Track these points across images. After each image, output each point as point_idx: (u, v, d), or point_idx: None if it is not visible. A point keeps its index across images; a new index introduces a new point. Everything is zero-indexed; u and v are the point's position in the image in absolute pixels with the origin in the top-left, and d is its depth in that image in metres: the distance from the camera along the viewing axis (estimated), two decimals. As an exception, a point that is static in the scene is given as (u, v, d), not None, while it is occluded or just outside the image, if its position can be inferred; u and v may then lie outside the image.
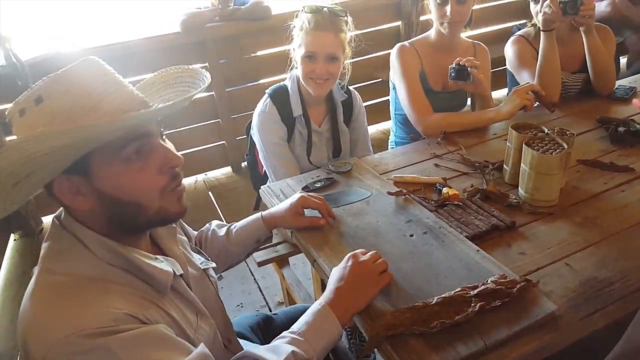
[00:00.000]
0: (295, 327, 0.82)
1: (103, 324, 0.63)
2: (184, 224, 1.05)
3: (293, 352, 0.76)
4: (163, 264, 0.77)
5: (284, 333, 0.81)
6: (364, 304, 0.88)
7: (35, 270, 0.71)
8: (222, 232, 1.13)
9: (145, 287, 0.73)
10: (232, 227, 1.13)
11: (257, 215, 1.14)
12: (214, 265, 0.97)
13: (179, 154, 0.74)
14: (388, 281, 0.92)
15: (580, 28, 1.68)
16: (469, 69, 1.56)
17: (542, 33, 1.67)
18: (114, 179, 0.69)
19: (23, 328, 0.66)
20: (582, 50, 1.77)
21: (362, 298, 0.88)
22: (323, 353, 0.81)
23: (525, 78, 1.77)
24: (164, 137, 0.76)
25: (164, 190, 0.72)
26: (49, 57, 2.20)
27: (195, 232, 1.12)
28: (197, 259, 0.94)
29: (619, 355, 0.89)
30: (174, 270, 0.78)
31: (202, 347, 0.71)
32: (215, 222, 1.16)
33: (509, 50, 1.84)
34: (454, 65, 1.58)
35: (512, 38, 1.86)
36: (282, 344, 0.78)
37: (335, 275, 0.90)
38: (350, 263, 0.91)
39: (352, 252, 0.94)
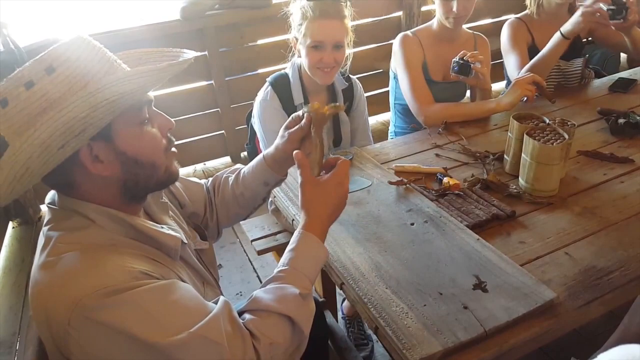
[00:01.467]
0: (285, 260, 0.80)
1: (123, 281, 0.65)
2: (189, 180, 1.04)
3: (300, 293, 0.75)
4: (170, 231, 0.79)
5: (277, 271, 0.79)
6: (339, 214, 0.87)
7: (40, 251, 0.71)
8: (232, 177, 1.08)
9: (156, 251, 0.75)
10: (242, 171, 1.08)
11: (260, 156, 1.07)
12: (206, 246, 0.97)
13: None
14: (346, 171, 0.88)
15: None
16: (472, 65, 1.55)
17: (560, 36, 1.63)
18: (134, 141, 0.72)
19: (42, 298, 0.66)
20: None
21: (335, 214, 0.86)
22: (316, 276, 0.81)
23: (512, 62, 1.77)
24: None
25: (166, 151, 0.78)
26: (47, 43, 2.17)
27: (204, 181, 1.10)
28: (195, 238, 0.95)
29: (615, 343, 0.91)
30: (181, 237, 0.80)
31: (222, 298, 0.72)
32: (231, 168, 1.12)
33: (504, 32, 1.84)
34: (457, 60, 1.57)
35: (510, 20, 1.85)
36: (284, 285, 0.76)
37: (306, 197, 0.84)
38: (329, 180, 0.85)
39: (338, 168, 0.87)
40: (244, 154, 3.04)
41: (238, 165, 1.12)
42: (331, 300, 1.51)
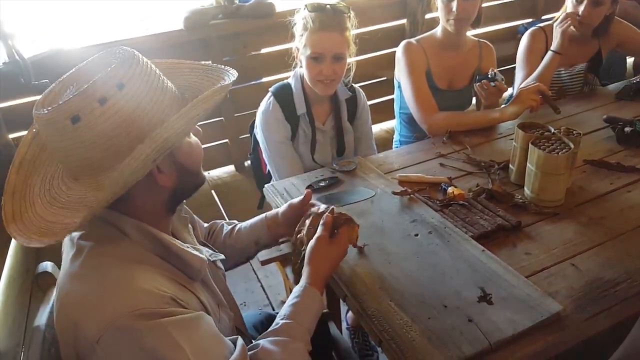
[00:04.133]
0: (287, 311, 0.83)
1: (158, 305, 0.65)
2: (194, 215, 1.06)
3: (305, 348, 0.78)
4: (195, 252, 0.81)
5: (281, 320, 0.81)
6: (337, 267, 0.94)
7: (71, 259, 0.71)
8: (227, 228, 1.12)
9: (178, 272, 0.76)
10: (239, 225, 1.13)
11: (262, 215, 1.13)
12: (222, 257, 0.97)
13: None
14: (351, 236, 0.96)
15: None
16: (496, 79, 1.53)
17: (551, 53, 1.71)
18: (188, 152, 0.78)
19: (73, 311, 0.66)
20: (587, 52, 1.82)
21: (334, 267, 0.92)
22: (313, 330, 0.84)
23: (520, 77, 1.79)
24: None
25: None
26: (51, 54, 2.20)
27: (205, 224, 1.13)
28: (205, 251, 0.94)
29: (622, 356, 0.89)
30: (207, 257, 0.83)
31: (241, 341, 0.73)
32: (228, 221, 1.16)
33: (523, 41, 1.85)
34: (489, 75, 1.54)
35: (532, 29, 1.86)
36: (293, 341, 0.78)
37: (318, 254, 0.90)
38: (333, 244, 0.92)
39: (341, 223, 0.94)
40: (248, 163, 3.05)
41: (235, 221, 1.17)
42: (335, 311, 1.50)
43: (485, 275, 0.95)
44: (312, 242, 0.90)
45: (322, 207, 1.00)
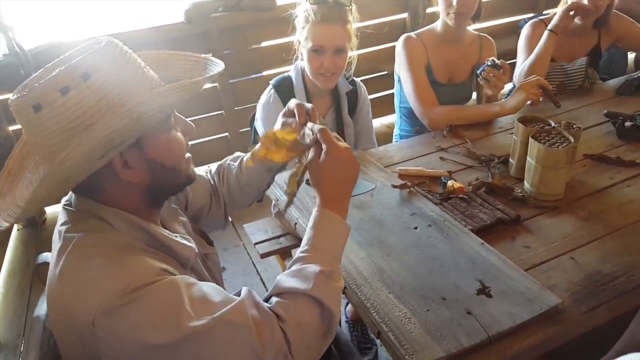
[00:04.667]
0: (304, 242, 0.79)
1: (146, 278, 0.65)
2: (187, 189, 1.03)
3: (321, 271, 0.73)
4: (184, 241, 0.80)
5: (298, 253, 0.78)
6: (352, 187, 0.85)
7: (58, 253, 0.71)
8: (235, 165, 1.08)
9: (169, 258, 0.76)
10: (245, 158, 1.08)
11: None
12: (215, 251, 0.97)
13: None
14: (330, 137, 0.84)
15: None
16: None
17: (548, 32, 1.71)
18: (163, 148, 0.74)
19: (64, 300, 0.66)
20: (587, 44, 1.82)
21: (350, 181, 0.84)
22: (341, 254, 0.80)
23: (519, 63, 1.79)
24: None
25: (186, 154, 0.80)
26: (52, 46, 2.20)
27: (212, 171, 1.11)
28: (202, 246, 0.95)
29: (621, 350, 0.89)
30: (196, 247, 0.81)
31: (246, 288, 0.71)
32: (232, 156, 1.12)
33: (524, 31, 1.85)
34: (489, 63, 1.53)
35: (532, 20, 1.86)
36: (305, 265, 0.74)
37: (315, 174, 0.83)
38: (326, 156, 0.81)
39: (322, 137, 0.83)
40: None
41: (238, 153, 1.12)
42: (334, 303, 1.50)
43: (484, 268, 0.96)
44: (308, 171, 0.84)
45: (316, 127, 0.88)
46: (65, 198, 0.80)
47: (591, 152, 1.36)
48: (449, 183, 1.24)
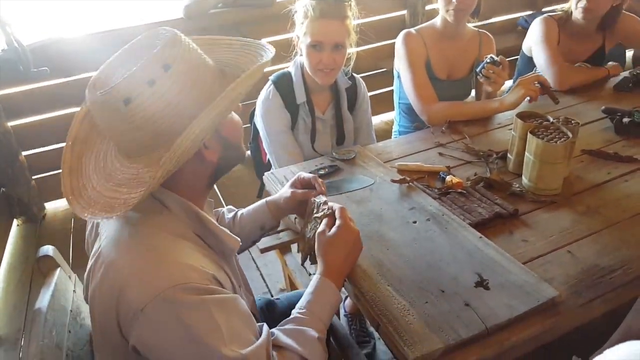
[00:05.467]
0: (302, 303, 0.84)
1: (202, 281, 0.68)
2: None
3: (318, 337, 0.79)
4: (228, 231, 0.84)
5: (296, 313, 0.83)
6: (353, 265, 0.93)
7: (118, 228, 0.74)
8: (229, 215, 1.14)
9: (212, 252, 0.79)
10: (240, 212, 1.15)
11: (263, 201, 1.15)
12: (239, 240, 1.00)
13: None
14: (346, 215, 0.95)
15: None
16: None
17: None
18: (232, 127, 0.81)
19: (120, 277, 0.68)
20: (589, 48, 1.84)
21: (351, 260, 0.92)
22: (330, 321, 0.85)
23: (542, 58, 1.78)
24: None
25: None
26: (51, 41, 2.19)
27: None
28: None
29: (618, 342, 0.90)
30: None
31: (266, 327, 0.76)
32: (227, 207, 1.18)
33: (537, 26, 1.85)
34: (488, 60, 1.53)
35: (543, 16, 1.86)
36: (304, 328, 0.80)
37: (324, 244, 0.90)
38: (337, 231, 0.90)
39: (339, 214, 0.92)
40: (249, 153, 3.04)
41: (230, 207, 1.19)
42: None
43: (482, 261, 0.96)
44: (316, 239, 0.92)
45: (336, 206, 0.97)
46: None
47: (589, 147, 1.37)
48: (448, 178, 1.24)
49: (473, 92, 1.89)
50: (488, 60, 1.52)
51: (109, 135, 0.77)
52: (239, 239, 0.86)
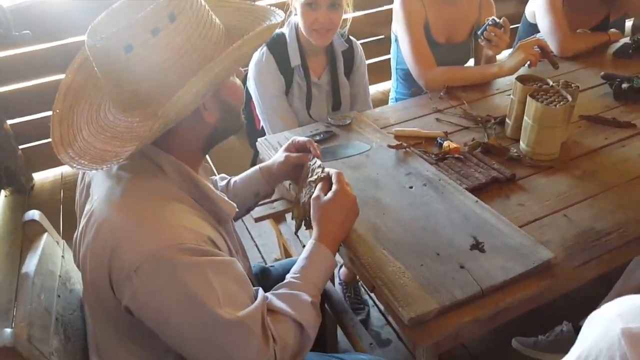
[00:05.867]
0: (296, 269, 0.84)
1: (197, 242, 0.67)
2: None
3: (312, 302, 0.78)
4: (225, 196, 0.82)
5: (290, 278, 0.82)
6: (349, 230, 0.93)
7: (110, 188, 0.72)
8: (222, 183, 1.12)
9: (209, 215, 0.77)
10: (233, 179, 1.13)
11: (256, 167, 1.12)
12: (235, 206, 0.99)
13: None
14: (344, 180, 0.93)
15: None
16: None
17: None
18: (232, 91, 0.78)
19: (113, 238, 0.67)
20: (592, 20, 1.81)
21: (347, 226, 0.91)
22: (324, 286, 0.85)
23: (546, 23, 1.73)
24: None
25: None
26: (32, 3, 2.10)
27: None
28: None
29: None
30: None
31: (261, 291, 0.75)
32: (220, 176, 1.15)
33: None
34: (490, 22, 1.48)
35: None
36: (298, 293, 0.79)
37: (319, 209, 0.89)
38: (333, 196, 0.89)
39: (336, 179, 0.91)
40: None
41: (224, 175, 1.16)
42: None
43: (478, 224, 0.96)
44: (312, 204, 0.90)
45: (333, 171, 0.96)
46: None
47: (587, 113, 1.35)
48: (445, 143, 1.22)
49: (471, 62, 1.84)
50: (490, 23, 1.47)
51: (106, 85, 0.74)
52: (234, 205, 0.84)
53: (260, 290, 0.75)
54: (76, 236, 0.76)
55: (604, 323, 0.47)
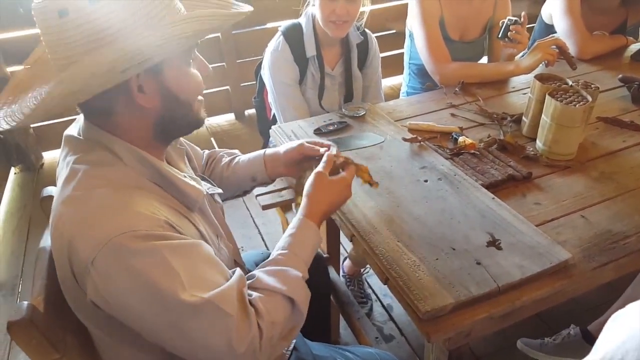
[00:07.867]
0: (283, 244, 0.81)
1: (151, 227, 0.64)
2: (194, 146, 1.03)
3: (302, 277, 0.76)
4: (192, 182, 0.78)
5: (276, 254, 0.79)
6: (336, 210, 0.91)
7: (64, 183, 0.69)
8: (226, 159, 1.08)
9: (176, 201, 0.74)
10: (239, 157, 1.08)
11: (262, 151, 1.08)
12: (220, 191, 0.95)
13: None
14: (353, 176, 0.92)
15: None
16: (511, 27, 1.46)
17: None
18: (180, 79, 0.73)
19: (67, 233, 0.64)
20: (611, 23, 1.79)
21: (335, 207, 0.89)
22: (310, 262, 0.82)
23: (564, 25, 1.71)
24: None
25: (200, 95, 0.79)
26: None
27: (206, 151, 1.10)
28: (204, 184, 0.92)
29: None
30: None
31: (239, 270, 0.72)
32: (228, 151, 1.12)
33: None
34: (511, 22, 1.47)
35: None
36: (286, 268, 0.76)
37: (316, 184, 0.87)
38: (337, 179, 0.88)
39: (349, 172, 0.91)
40: (249, 112, 2.98)
41: (236, 151, 1.11)
42: (334, 256, 1.51)
43: (494, 221, 0.94)
44: (310, 177, 0.87)
45: (333, 150, 0.96)
46: (70, 131, 0.76)
47: (605, 115, 1.34)
48: (461, 139, 1.21)
49: (485, 59, 1.82)
50: (511, 22, 1.45)
51: (47, 51, 0.69)
52: (202, 190, 0.79)
53: (238, 270, 0.72)
54: None
55: (630, 324, 0.46)
